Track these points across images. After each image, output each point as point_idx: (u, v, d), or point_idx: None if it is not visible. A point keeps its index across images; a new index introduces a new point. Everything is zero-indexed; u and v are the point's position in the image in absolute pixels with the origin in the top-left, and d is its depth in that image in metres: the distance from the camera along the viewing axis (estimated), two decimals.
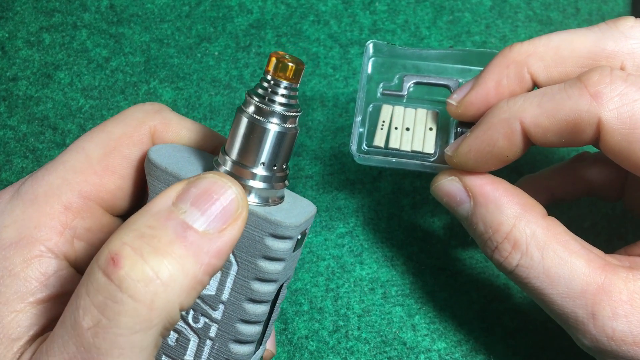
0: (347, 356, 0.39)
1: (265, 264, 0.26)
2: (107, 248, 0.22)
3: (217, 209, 0.24)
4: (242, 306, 0.27)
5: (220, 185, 0.24)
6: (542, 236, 0.30)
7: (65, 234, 0.27)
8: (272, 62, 0.25)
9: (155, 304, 0.22)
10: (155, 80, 0.45)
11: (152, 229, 0.23)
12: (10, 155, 0.43)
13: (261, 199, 0.26)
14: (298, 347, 0.39)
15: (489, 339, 0.39)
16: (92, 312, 0.22)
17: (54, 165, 0.28)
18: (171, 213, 0.23)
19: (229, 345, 0.27)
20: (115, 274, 0.22)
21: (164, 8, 0.47)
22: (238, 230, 0.24)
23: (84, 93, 0.45)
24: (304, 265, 0.41)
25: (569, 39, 0.30)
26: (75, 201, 0.28)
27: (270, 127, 0.25)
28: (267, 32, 0.46)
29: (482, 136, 0.30)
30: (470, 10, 0.47)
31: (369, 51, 0.36)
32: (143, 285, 0.21)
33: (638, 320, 0.28)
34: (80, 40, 0.46)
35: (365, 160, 0.34)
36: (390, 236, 0.42)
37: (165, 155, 0.27)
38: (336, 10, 0.47)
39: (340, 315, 0.40)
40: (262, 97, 0.25)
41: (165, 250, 0.22)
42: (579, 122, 0.28)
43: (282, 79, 0.25)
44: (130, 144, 0.29)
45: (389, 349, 0.39)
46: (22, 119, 0.44)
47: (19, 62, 0.45)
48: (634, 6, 0.48)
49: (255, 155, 0.26)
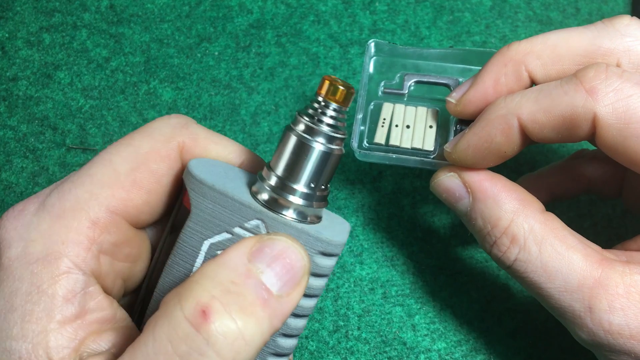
0: (347, 356, 0.39)
1: (312, 281, 0.27)
2: (194, 298, 0.23)
3: (288, 274, 0.25)
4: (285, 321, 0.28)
5: (292, 251, 0.25)
6: (539, 231, 0.30)
7: (92, 250, 0.27)
8: (324, 85, 0.26)
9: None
10: (155, 80, 0.45)
11: (236, 285, 0.23)
12: (10, 155, 0.43)
13: (302, 215, 0.27)
14: (298, 347, 0.39)
15: (489, 339, 0.39)
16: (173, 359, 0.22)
17: (80, 178, 0.28)
18: (250, 272, 0.24)
19: (267, 359, 0.28)
20: (204, 327, 0.22)
21: (164, 8, 0.47)
22: (300, 295, 0.25)
23: (84, 93, 0.45)
24: None
25: (565, 37, 0.30)
26: (102, 216, 0.27)
27: (316, 146, 0.26)
28: (267, 32, 0.46)
29: (480, 132, 0.30)
30: (470, 10, 0.47)
31: (370, 50, 0.36)
32: (230, 342, 0.22)
33: (635, 313, 0.28)
34: (80, 40, 0.46)
35: (365, 157, 0.35)
36: (390, 236, 0.42)
37: (206, 172, 0.27)
38: (336, 10, 0.47)
39: (340, 315, 0.40)
40: (311, 117, 0.26)
41: (250, 310, 0.23)
42: (575, 117, 0.28)
43: (332, 101, 0.26)
44: (159, 159, 0.29)
45: (389, 349, 0.39)
46: (22, 119, 0.44)
47: (19, 62, 0.45)
48: (634, 6, 0.48)
49: (299, 173, 0.26)
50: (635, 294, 0.28)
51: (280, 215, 0.26)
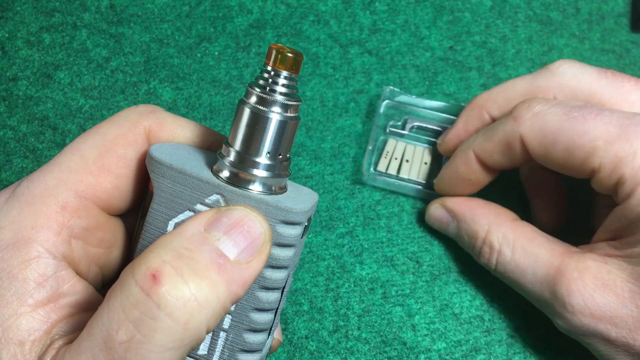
0: (347, 356, 0.39)
1: (277, 251, 0.27)
2: (146, 263, 0.23)
3: (247, 241, 0.25)
4: (255, 295, 0.27)
5: (250, 218, 0.25)
6: (511, 236, 0.36)
7: (62, 234, 0.27)
8: (272, 54, 0.26)
9: (189, 324, 0.22)
10: (155, 80, 0.45)
11: (190, 251, 0.23)
12: (10, 155, 0.43)
13: (266, 187, 0.27)
14: (298, 347, 0.39)
15: (489, 339, 0.39)
16: (126, 326, 0.22)
17: (49, 167, 0.28)
18: (205, 238, 0.24)
19: (243, 335, 0.28)
20: (154, 291, 0.22)
21: (164, 8, 0.47)
22: (262, 264, 0.25)
23: (84, 93, 0.45)
24: (304, 265, 0.41)
25: (513, 84, 0.38)
26: (71, 201, 0.28)
27: (273, 116, 0.26)
28: (267, 32, 0.46)
29: (449, 165, 0.39)
30: (470, 10, 0.47)
31: (385, 94, 0.44)
32: (181, 305, 0.22)
33: (589, 293, 0.32)
34: (80, 40, 0.46)
35: (372, 181, 0.42)
36: (390, 236, 0.42)
37: (167, 153, 0.28)
38: (336, 10, 0.47)
39: (340, 315, 0.40)
40: (263, 88, 0.26)
41: (203, 273, 0.23)
42: (509, 140, 0.35)
43: (282, 70, 0.26)
44: (125, 143, 0.29)
45: (389, 349, 0.39)
46: (22, 119, 0.44)
47: (19, 62, 0.45)
48: (634, 6, 0.48)
49: (258, 145, 0.26)
50: (588, 276, 0.32)
51: (239, 188, 0.26)
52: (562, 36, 0.47)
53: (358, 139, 0.44)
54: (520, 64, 0.46)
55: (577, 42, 0.47)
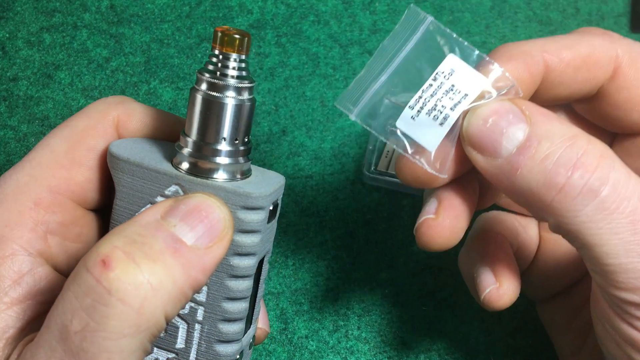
0: (347, 356, 0.39)
1: (241, 238, 0.26)
2: (96, 250, 0.22)
3: (205, 227, 0.24)
4: (225, 284, 0.27)
5: (208, 204, 0.25)
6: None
7: (37, 230, 0.27)
8: (217, 37, 0.26)
9: (144, 308, 0.22)
10: (155, 80, 0.45)
11: (143, 237, 0.23)
12: (11, 155, 0.43)
13: (228, 174, 0.26)
14: (298, 347, 0.39)
15: (489, 339, 0.39)
16: (79, 315, 0.21)
17: (21, 164, 0.28)
18: (161, 225, 0.23)
19: (218, 325, 0.27)
20: (104, 276, 0.21)
21: (164, 8, 0.47)
22: (223, 250, 0.24)
23: (85, 93, 0.45)
24: (304, 265, 0.41)
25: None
26: (44, 196, 0.27)
27: (227, 101, 0.26)
28: (267, 32, 0.46)
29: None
30: (470, 10, 0.47)
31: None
32: (133, 289, 0.21)
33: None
34: (80, 40, 0.46)
35: (372, 181, 0.42)
36: (390, 236, 0.42)
37: (126, 148, 0.27)
38: (336, 10, 0.47)
39: (340, 315, 0.40)
40: (213, 73, 0.26)
41: (157, 257, 0.22)
42: (597, 58, 0.28)
43: (230, 52, 0.26)
44: (95, 135, 0.29)
45: (389, 349, 0.39)
46: (22, 119, 0.44)
47: (20, 62, 0.45)
48: (634, 6, 0.48)
49: (215, 132, 0.26)
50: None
51: (198, 177, 0.26)
52: None
53: (358, 139, 0.44)
54: None
55: None
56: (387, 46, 0.27)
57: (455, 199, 0.29)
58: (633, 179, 0.25)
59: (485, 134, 0.26)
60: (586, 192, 0.24)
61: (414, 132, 0.26)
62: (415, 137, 0.27)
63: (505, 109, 0.25)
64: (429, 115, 0.26)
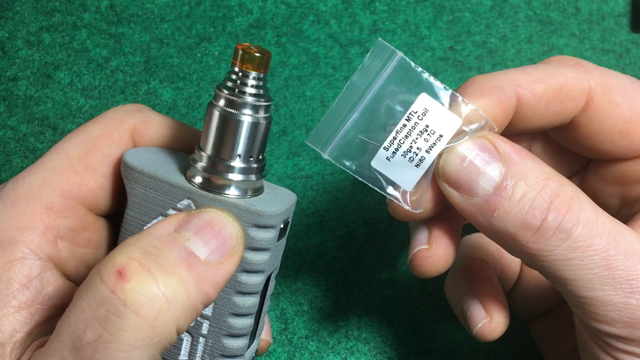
0: (347, 356, 0.39)
1: (251, 255, 0.26)
2: (111, 261, 0.22)
3: (218, 242, 0.24)
4: (231, 300, 0.27)
5: (221, 220, 0.25)
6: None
7: (48, 235, 0.27)
8: (239, 54, 0.25)
9: (157, 321, 0.21)
10: (155, 80, 0.45)
11: (158, 249, 0.23)
12: (10, 155, 0.43)
13: (240, 191, 0.26)
14: (298, 347, 0.39)
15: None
16: (93, 325, 0.21)
17: (34, 167, 0.28)
18: (175, 238, 0.23)
19: (222, 340, 0.27)
20: (120, 287, 0.21)
21: (164, 8, 0.47)
22: (234, 266, 0.24)
23: (84, 93, 0.45)
24: (304, 265, 0.41)
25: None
26: (57, 201, 0.27)
27: (243, 118, 0.26)
28: (267, 32, 0.46)
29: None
30: (470, 10, 0.47)
31: None
32: (148, 301, 0.21)
33: None
34: (80, 40, 0.46)
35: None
36: (390, 236, 0.42)
37: (140, 158, 0.27)
38: (336, 10, 0.47)
39: (340, 315, 0.40)
40: (232, 90, 0.26)
41: (172, 270, 0.22)
42: (568, 89, 0.28)
43: (250, 70, 0.25)
44: (111, 142, 0.29)
45: (389, 349, 0.39)
46: (22, 119, 0.44)
47: (19, 62, 0.45)
48: (634, 6, 0.48)
49: (230, 148, 0.26)
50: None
51: (211, 192, 0.26)
52: (562, 36, 0.47)
53: None
54: (520, 64, 0.46)
55: (577, 42, 0.47)
56: (356, 82, 0.27)
57: (444, 226, 0.30)
58: (601, 217, 0.26)
59: (462, 173, 0.26)
60: (559, 232, 0.25)
61: (390, 172, 0.27)
62: (391, 177, 0.27)
63: (481, 147, 0.26)
64: (404, 157, 0.26)
